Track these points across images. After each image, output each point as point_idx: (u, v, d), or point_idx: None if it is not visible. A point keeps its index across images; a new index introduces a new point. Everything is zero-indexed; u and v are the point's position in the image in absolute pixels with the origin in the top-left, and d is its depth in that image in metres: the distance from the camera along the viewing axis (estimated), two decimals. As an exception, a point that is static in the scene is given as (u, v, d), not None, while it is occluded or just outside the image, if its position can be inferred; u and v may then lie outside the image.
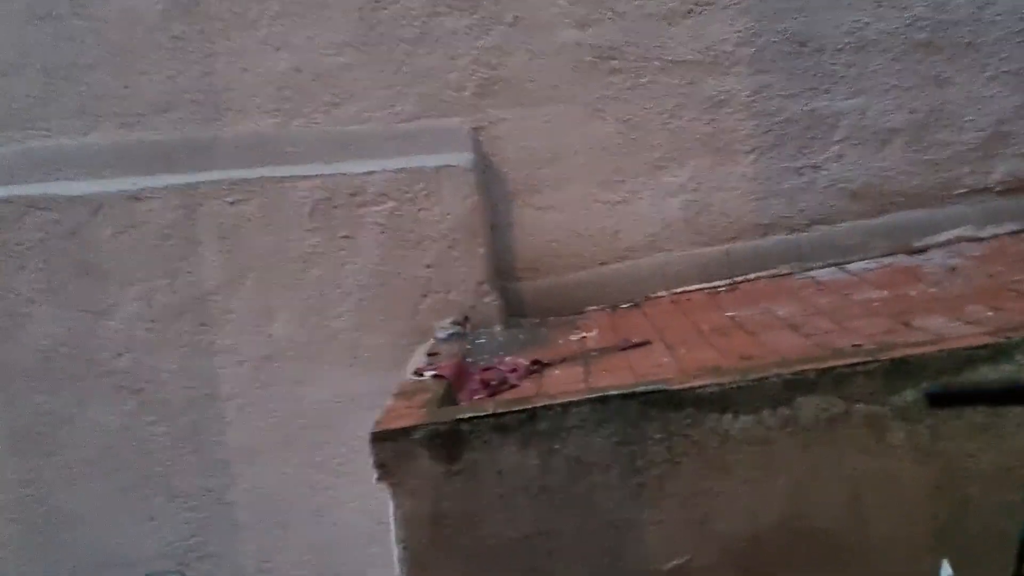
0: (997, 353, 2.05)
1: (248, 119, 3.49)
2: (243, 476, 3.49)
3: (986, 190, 3.72)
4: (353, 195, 3.34)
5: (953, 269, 3.32)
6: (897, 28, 3.56)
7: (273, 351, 3.43)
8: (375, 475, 2.13)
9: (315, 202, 3.33)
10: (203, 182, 3.35)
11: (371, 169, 3.36)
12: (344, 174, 3.35)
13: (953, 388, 1.18)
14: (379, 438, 2.12)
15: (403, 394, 2.52)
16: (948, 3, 3.55)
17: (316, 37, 3.43)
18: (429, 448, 2.10)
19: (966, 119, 3.67)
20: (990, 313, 2.62)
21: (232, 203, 3.33)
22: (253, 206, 3.33)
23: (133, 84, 3.51)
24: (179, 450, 3.43)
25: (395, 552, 2.15)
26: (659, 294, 3.67)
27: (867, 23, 3.55)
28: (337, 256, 3.37)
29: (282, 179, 3.35)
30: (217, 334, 3.41)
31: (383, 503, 2.19)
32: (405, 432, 2.10)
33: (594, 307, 3.65)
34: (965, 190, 3.72)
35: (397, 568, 2.15)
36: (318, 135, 3.50)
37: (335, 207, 3.34)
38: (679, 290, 3.66)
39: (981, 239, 3.68)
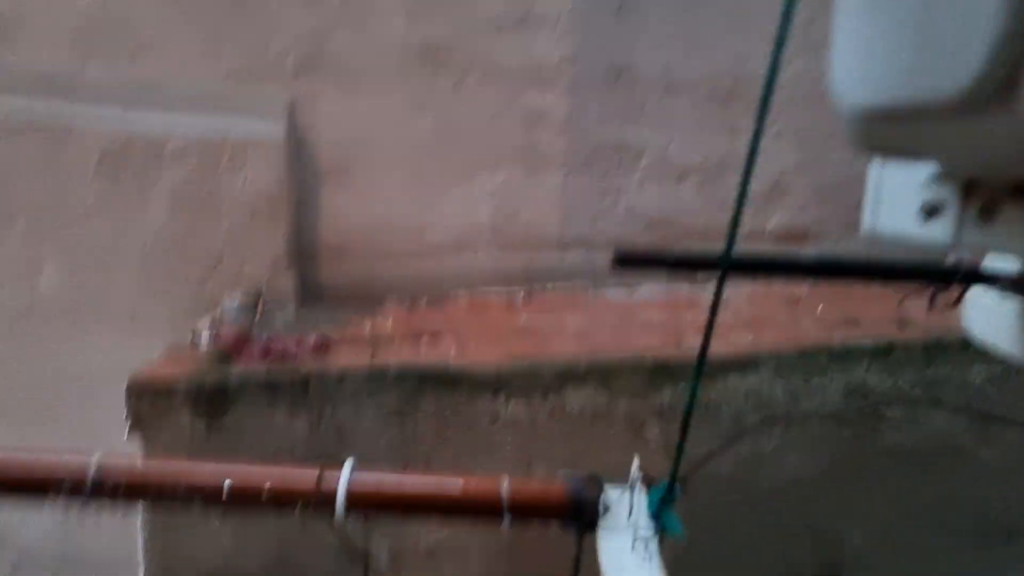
0: (746, 363, 2.24)
1: (40, 51, 3.19)
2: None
3: (762, 235, 4.09)
4: (149, 150, 3.13)
5: (726, 300, 3.60)
6: (702, 75, 3.85)
7: (35, 305, 3.15)
8: (126, 428, 1.98)
9: (104, 152, 3.10)
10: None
11: (173, 125, 3.17)
12: (142, 127, 3.15)
13: (637, 253, 1.26)
14: (136, 389, 1.97)
15: (173, 350, 2.37)
16: (749, 58, 3.88)
17: (127, -24, 3.21)
18: (191, 403, 1.99)
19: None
20: (751, 337, 2.88)
21: (7, 139, 3.03)
22: (32, 145, 3.05)
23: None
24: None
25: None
26: (459, 294, 3.72)
27: (677, 65, 3.81)
28: (123, 214, 3.15)
29: (70, 121, 3.09)
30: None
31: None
32: (166, 384, 1.97)
33: (394, 299, 3.64)
34: (745, 233, 4.06)
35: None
36: (118, 80, 3.26)
37: (126, 160, 3.12)
38: (479, 293, 3.74)
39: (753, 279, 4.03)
